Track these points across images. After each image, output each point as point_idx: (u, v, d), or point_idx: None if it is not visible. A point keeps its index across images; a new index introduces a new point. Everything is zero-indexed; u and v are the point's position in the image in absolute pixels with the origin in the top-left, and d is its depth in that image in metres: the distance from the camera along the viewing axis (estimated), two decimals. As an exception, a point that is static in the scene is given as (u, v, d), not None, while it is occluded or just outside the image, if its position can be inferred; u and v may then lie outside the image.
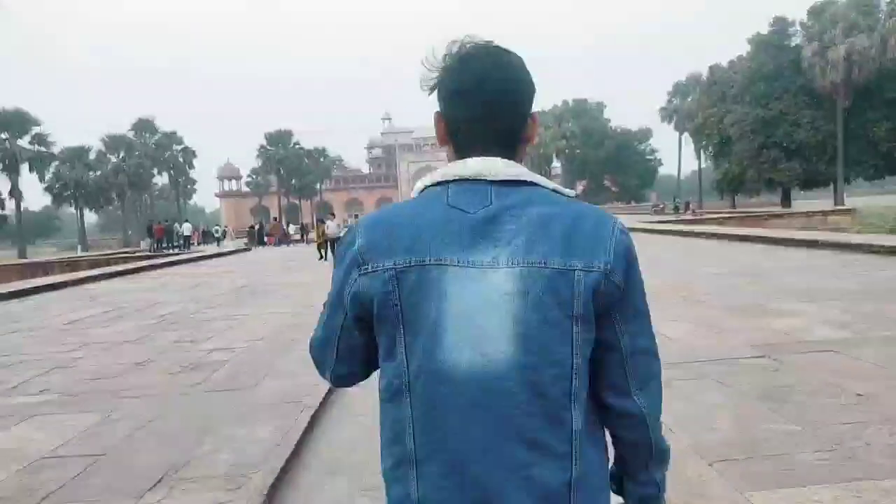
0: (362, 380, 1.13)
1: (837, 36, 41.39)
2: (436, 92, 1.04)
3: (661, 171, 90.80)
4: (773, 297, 7.60)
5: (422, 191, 1.04)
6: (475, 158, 0.98)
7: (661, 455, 1.06)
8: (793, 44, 48.41)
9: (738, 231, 18.33)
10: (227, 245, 38.66)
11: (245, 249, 32.40)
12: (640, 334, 0.99)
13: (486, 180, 0.96)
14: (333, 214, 22.17)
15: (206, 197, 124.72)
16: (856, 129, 43.84)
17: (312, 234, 24.06)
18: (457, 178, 0.98)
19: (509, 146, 1.01)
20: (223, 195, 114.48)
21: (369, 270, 0.95)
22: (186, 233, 39.32)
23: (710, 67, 59.17)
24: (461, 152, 1.01)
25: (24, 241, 50.49)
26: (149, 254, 34.20)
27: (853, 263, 10.32)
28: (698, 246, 16.20)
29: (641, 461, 1.05)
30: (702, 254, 14.04)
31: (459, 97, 1.00)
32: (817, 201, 65.24)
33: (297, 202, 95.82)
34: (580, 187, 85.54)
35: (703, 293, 8.27)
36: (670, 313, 6.99)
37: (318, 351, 1.11)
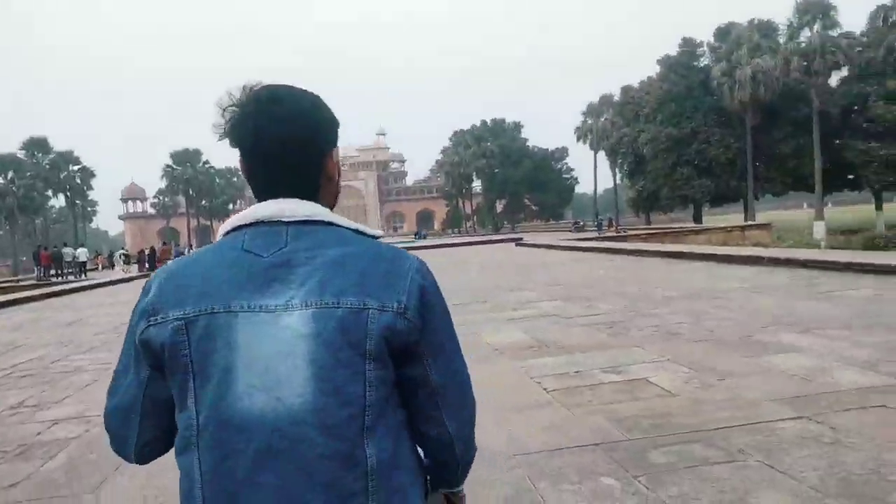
0: (166, 450, 1.06)
1: (743, 56, 43.04)
2: None
3: (577, 189, 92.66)
4: (759, 327, 6.51)
5: (225, 234, 1.02)
6: (272, 201, 0.99)
7: (467, 467, 1.14)
8: (701, 64, 50.24)
9: (673, 248, 17.71)
10: (121, 271, 35.44)
11: (144, 276, 29.45)
12: (447, 368, 1.02)
13: (283, 222, 0.97)
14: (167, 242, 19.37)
15: (110, 220, 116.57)
16: (763, 147, 45.67)
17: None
18: (254, 221, 0.99)
19: (307, 188, 1.02)
20: (127, 217, 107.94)
21: (158, 321, 0.95)
22: (82, 258, 35.77)
23: (623, 88, 60.77)
24: (259, 195, 1.02)
25: None
26: (35, 283, 30.98)
27: (816, 282, 9.54)
28: (635, 265, 15.35)
29: (451, 473, 1.13)
30: (643, 273, 13.11)
31: (242, 150, 1.01)
32: (726, 216, 68.02)
33: (210, 223, 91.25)
34: (500, 206, 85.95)
35: (673, 322, 7.12)
36: (649, 352, 5.74)
37: (118, 422, 1.04)
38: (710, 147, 47.86)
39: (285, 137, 0.98)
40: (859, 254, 12.61)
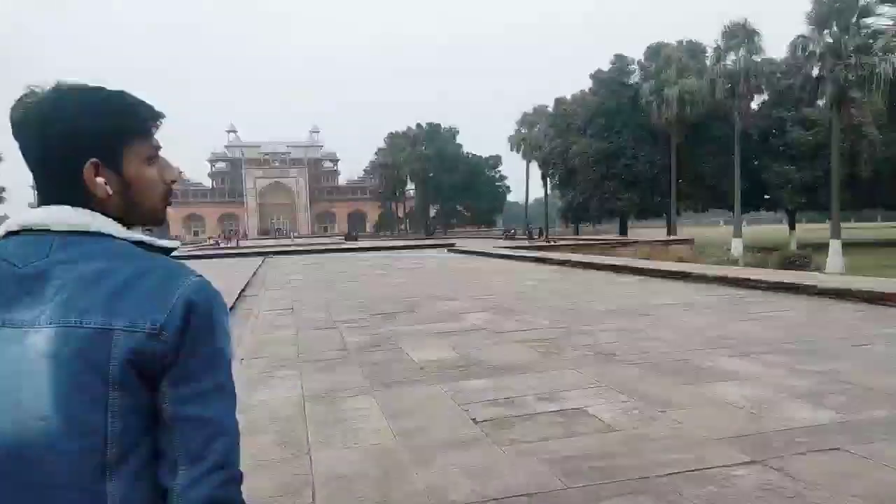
0: None
1: (671, 76, 44.41)
2: None
3: (509, 197, 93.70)
4: (695, 349, 6.23)
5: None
6: (42, 208, 0.95)
7: None
8: (631, 81, 51.60)
9: (603, 260, 17.69)
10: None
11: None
12: (192, 401, 0.88)
13: (51, 231, 0.92)
14: (149, 230, 17.70)
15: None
16: (687, 164, 47.26)
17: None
18: (21, 228, 0.93)
19: (78, 195, 0.94)
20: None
21: None
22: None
23: (556, 100, 61.73)
24: (39, 198, 0.97)
25: None
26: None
27: (745, 301, 9.48)
28: (567, 276, 15.17)
29: None
30: (574, 285, 12.89)
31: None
32: (648, 230, 70.27)
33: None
34: (433, 210, 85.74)
35: (607, 342, 6.76)
36: (585, 375, 5.32)
37: None
38: (637, 162, 49.23)
39: (38, 142, 0.93)
40: (786, 273, 12.82)
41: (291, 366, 6.25)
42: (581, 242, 33.93)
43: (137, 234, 0.97)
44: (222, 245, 53.27)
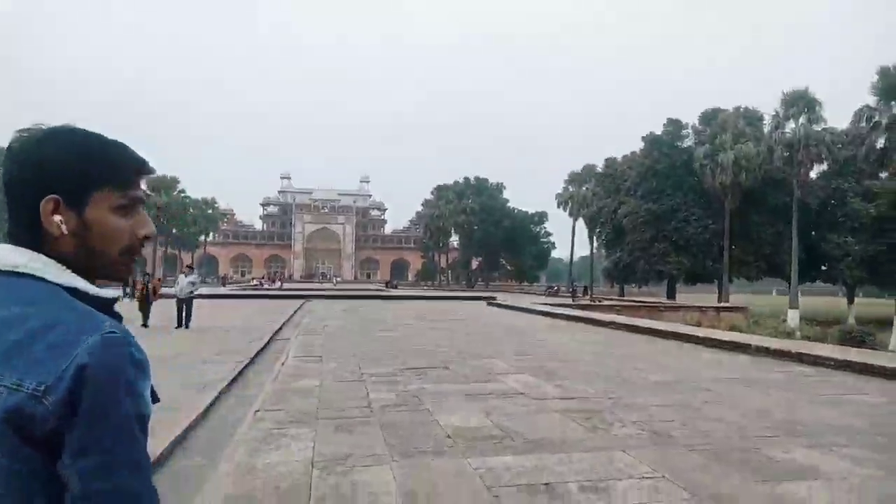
0: None
1: (727, 141, 43.55)
2: None
3: (553, 254, 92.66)
4: (763, 435, 5.42)
5: None
6: None
7: None
8: (685, 144, 50.85)
9: (652, 324, 16.73)
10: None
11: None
12: (95, 475, 0.80)
13: None
14: (191, 268, 17.44)
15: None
16: (741, 230, 45.79)
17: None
18: None
19: (34, 233, 0.92)
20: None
21: None
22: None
23: (606, 160, 61.37)
24: None
25: None
26: None
27: (812, 380, 8.54)
28: (613, 338, 14.31)
29: None
30: (621, 349, 12.06)
31: None
32: (696, 295, 68.04)
33: (177, 253, 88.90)
34: (475, 263, 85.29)
35: (662, 419, 6.00)
36: (637, 460, 4.59)
37: None
38: (688, 225, 47.95)
39: (11, 175, 0.93)
40: (855, 351, 11.71)
41: (308, 422, 5.69)
42: (627, 304, 32.74)
43: (74, 280, 0.91)
44: (266, 286, 53.76)
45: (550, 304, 27.73)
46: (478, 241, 79.42)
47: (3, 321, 0.84)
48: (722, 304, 35.96)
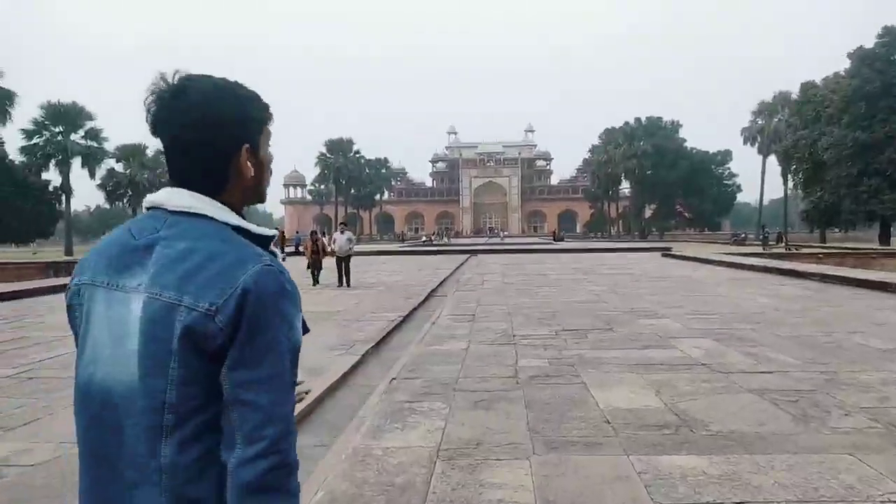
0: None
1: (966, 48, 35.63)
2: None
3: (738, 198, 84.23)
4: None
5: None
6: (165, 189, 1.04)
7: None
8: (905, 58, 42.69)
9: (873, 276, 13.94)
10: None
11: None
12: (247, 386, 0.93)
13: (166, 210, 1.01)
14: (345, 224, 16.98)
15: (272, 203, 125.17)
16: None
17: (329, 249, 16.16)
18: (150, 206, 1.04)
19: (208, 180, 1.03)
20: (287, 202, 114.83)
21: (70, 286, 1.07)
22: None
23: (802, 85, 53.68)
24: (171, 179, 1.05)
25: (70, 238, 49.67)
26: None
27: None
28: (818, 295, 12.07)
29: None
30: (830, 308, 9.99)
31: (154, 136, 1.05)
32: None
33: (356, 212, 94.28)
34: (648, 211, 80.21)
35: (902, 405, 4.48)
36: (874, 469, 3.26)
37: None
38: (908, 155, 40.49)
39: (177, 133, 1.02)
40: None
41: (444, 395, 5.02)
42: (831, 251, 28.48)
43: (237, 220, 1.03)
44: (435, 242, 55.04)
45: (737, 254, 24.83)
46: (651, 186, 74.22)
47: (179, 253, 0.96)
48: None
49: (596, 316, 9.29)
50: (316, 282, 15.19)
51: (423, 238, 66.29)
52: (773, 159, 59.07)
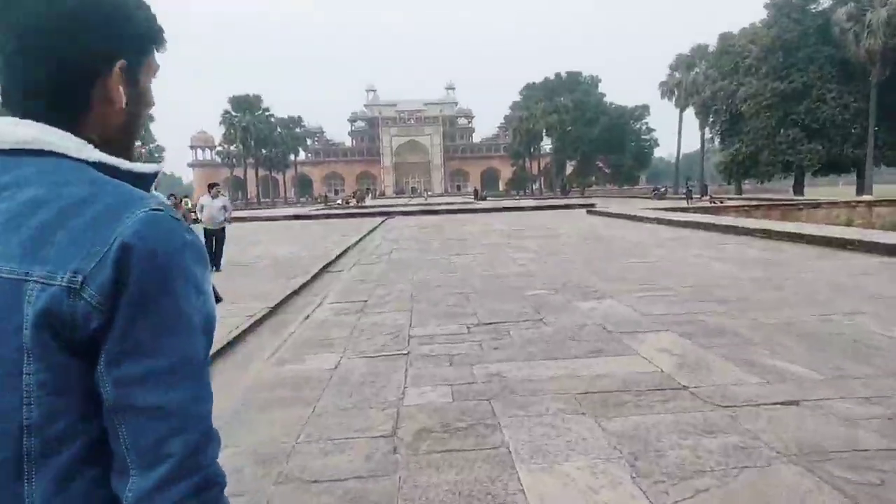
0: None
1: (877, -3, 35.66)
2: None
3: (655, 152, 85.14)
4: None
5: None
6: None
7: None
8: (820, 7, 42.69)
9: (817, 230, 12.58)
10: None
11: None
12: (141, 384, 0.66)
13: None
14: (218, 186, 12.09)
15: (179, 167, 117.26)
16: (891, 108, 38.34)
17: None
18: None
19: (62, 106, 0.74)
20: (196, 164, 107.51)
21: None
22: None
23: (721, 35, 53.46)
24: (3, 106, 0.77)
25: None
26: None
27: None
28: (769, 254, 10.50)
29: None
30: (803, 275, 8.36)
31: None
32: (827, 189, 60.57)
33: (272, 175, 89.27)
34: (569, 168, 79.79)
35: None
36: None
37: None
38: (823, 105, 40.75)
39: (18, 34, 0.71)
40: None
41: (258, 490, 2.74)
42: (756, 203, 27.87)
43: (100, 156, 0.73)
44: (352, 204, 52.09)
45: (663, 210, 23.58)
46: (572, 142, 73.49)
47: (22, 206, 0.67)
48: (870, 198, 30.16)
49: (523, 297, 7.22)
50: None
51: (339, 200, 62.42)
52: (689, 113, 59.07)
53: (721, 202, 29.93)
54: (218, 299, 0.78)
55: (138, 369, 0.65)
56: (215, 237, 11.23)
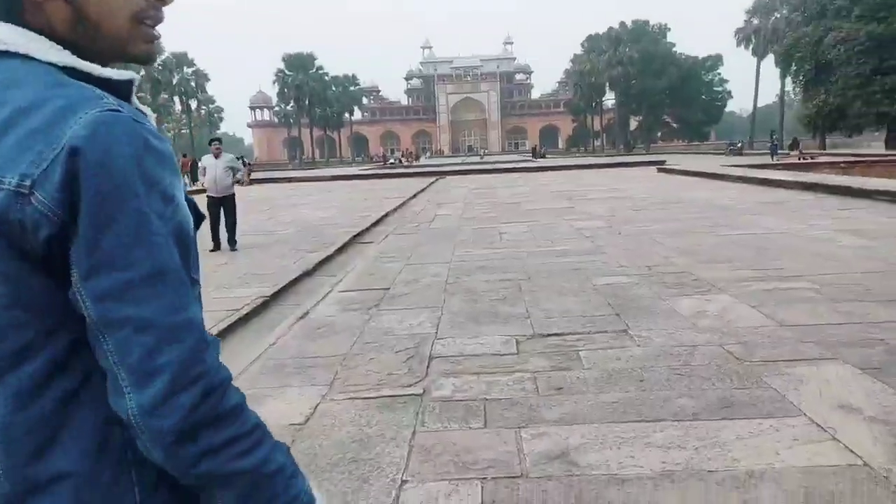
0: None
1: None
2: None
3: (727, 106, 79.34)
4: None
5: None
6: None
7: (189, 470, 0.65)
8: (931, -64, 37.48)
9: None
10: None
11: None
12: (116, 297, 0.62)
13: None
14: (219, 142, 9.34)
15: (240, 127, 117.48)
16: None
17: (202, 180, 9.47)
18: None
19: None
20: (255, 125, 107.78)
21: None
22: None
23: (807, -25, 48.16)
24: None
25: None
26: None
27: None
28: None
29: (176, 470, 0.66)
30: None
31: None
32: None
33: (328, 134, 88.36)
34: (633, 123, 75.31)
35: None
36: None
37: None
38: (929, 50, 36.08)
39: None
40: None
41: None
42: (853, 159, 24.60)
43: (69, 58, 0.68)
44: (405, 164, 50.39)
45: (747, 167, 20.82)
46: (637, 96, 69.04)
47: None
48: None
49: (593, 288, 5.32)
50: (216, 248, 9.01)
51: (391, 160, 60.25)
52: (767, 64, 54.18)
53: (811, 158, 26.68)
54: (199, 217, 0.75)
55: (112, 283, 0.61)
56: (223, 206, 8.99)
